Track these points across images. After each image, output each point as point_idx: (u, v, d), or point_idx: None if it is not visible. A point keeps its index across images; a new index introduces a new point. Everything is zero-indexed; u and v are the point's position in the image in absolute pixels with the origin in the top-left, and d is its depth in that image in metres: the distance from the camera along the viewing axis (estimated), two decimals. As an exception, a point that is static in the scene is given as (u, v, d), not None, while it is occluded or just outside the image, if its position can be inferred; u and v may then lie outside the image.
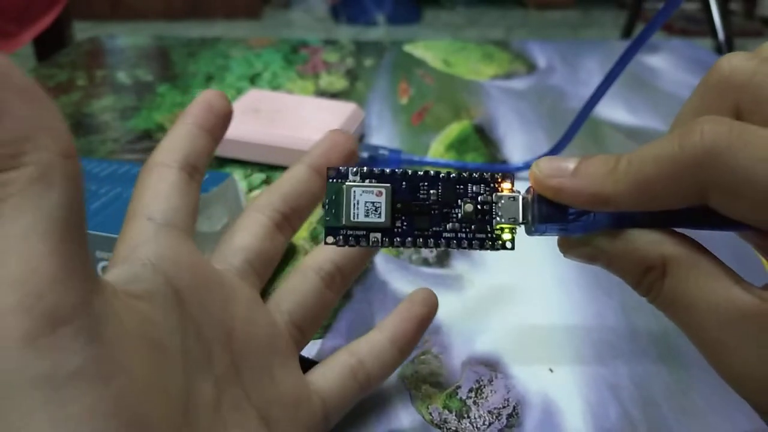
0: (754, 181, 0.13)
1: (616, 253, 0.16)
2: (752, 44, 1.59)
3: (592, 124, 0.50)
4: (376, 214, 0.17)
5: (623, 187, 0.15)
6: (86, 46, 0.70)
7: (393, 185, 0.17)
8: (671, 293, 0.16)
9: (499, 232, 0.18)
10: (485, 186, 0.18)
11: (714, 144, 0.14)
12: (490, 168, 0.43)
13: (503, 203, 0.17)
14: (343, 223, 0.17)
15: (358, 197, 0.17)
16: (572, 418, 0.24)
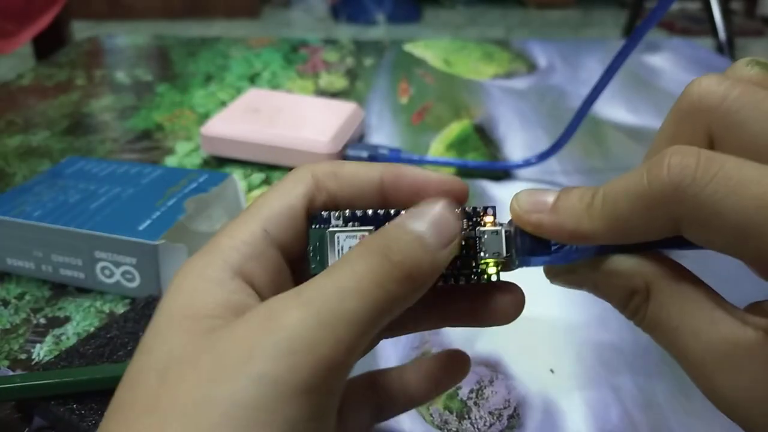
0: (722, 215, 0.13)
1: (601, 280, 0.17)
2: (753, 44, 1.59)
3: (593, 123, 0.50)
4: None
5: (599, 223, 0.15)
6: (85, 46, 0.70)
7: (376, 226, 0.17)
8: (655, 317, 0.16)
9: (484, 266, 0.18)
10: (468, 221, 0.18)
11: (680, 179, 0.14)
12: (488, 165, 0.43)
13: (486, 238, 0.17)
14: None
15: (342, 242, 0.17)
16: (573, 418, 0.24)
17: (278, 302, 0.14)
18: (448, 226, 0.16)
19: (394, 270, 0.15)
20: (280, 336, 0.13)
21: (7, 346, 0.27)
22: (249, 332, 0.14)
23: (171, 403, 0.13)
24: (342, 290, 0.14)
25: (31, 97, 0.55)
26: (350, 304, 0.14)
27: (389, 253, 0.15)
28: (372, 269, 0.15)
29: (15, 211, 0.30)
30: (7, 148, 0.45)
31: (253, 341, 0.14)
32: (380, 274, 0.15)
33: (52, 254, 0.30)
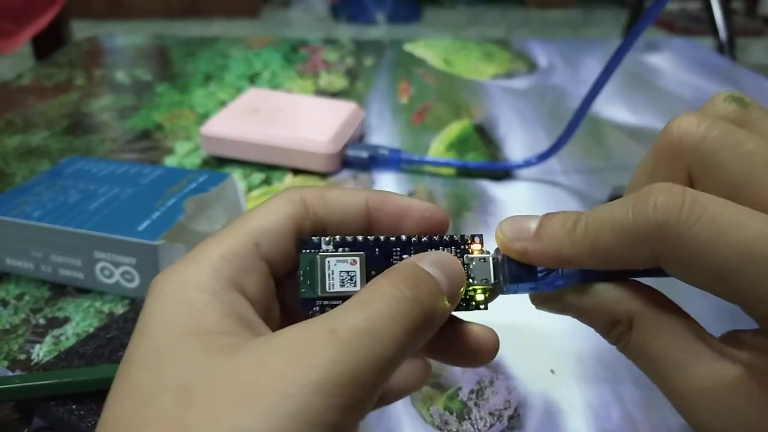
0: (704, 257, 0.14)
1: (584, 308, 0.17)
2: (753, 43, 1.58)
3: (593, 123, 0.50)
4: (352, 283, 0.17)
5: (581, 250, 0.16)
6: (85, 46, 0.70)
7: (366, 252, 0.17)
8: (638, 346, 0.16)
9: (473, 293, 0.18)
10: (456, 248, 0.18)
11: (665, 218, 0.14)
12: (488, 165, 0.43)
13: (474, 265, 0.18)
14: (319, 294, 0.17)
15: (333, 267, 0.17)
16: (574, 419, 0.24)
17: (309, 334, 0.14)
18: (458, 277, 0.17)
19: (421, 314, 0.15)
20: (316, 375, 0.13)
21: (6, 347, 0.27)
22: (282, 364, 0.13)
23: (200, 430, 0.13)
24: (375, 333, 0.14)
25: (31, 97, 0.55)
26: (382, 349, 0.14)
27: (419, 296, 0.15)
28: (401, 314, 0.15)
29: (14, 211, 0.30)
30: (6, 148, 0.45)
31: (288, 376, 0.13)
32: (410, 317, 0.15)
33: (51, 254, 0.30)
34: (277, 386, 0.13)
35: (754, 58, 2.13)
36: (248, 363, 0.14)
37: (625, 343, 0.17)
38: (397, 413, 0.24)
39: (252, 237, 0.17)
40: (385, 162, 0.42)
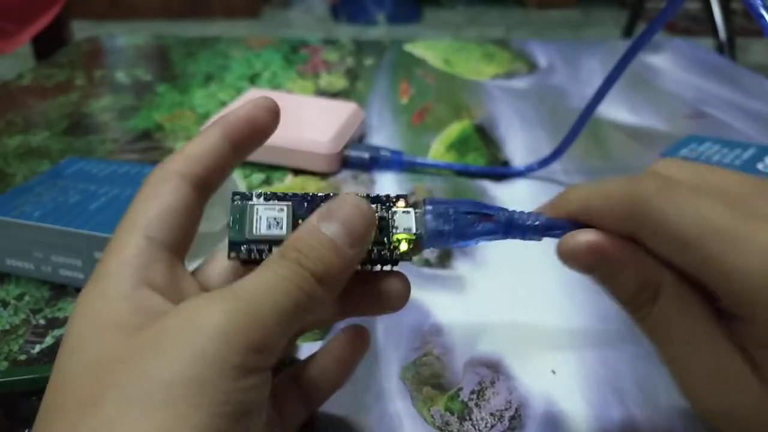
0: (668, 229, 0.16)
1: (619, 266, 0.18)
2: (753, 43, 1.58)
3: (594, 124, 0.50)
4: (278, 227, 0.18)
5: (577, 207, 0.19)
6: (85, 46, 0.70)
7: (293, 203, 0.19)
8: (657, 318, 0.17)
9: (397, 243, 0.19)
10: (382, 204, 0.19)
11: (645, 194, 0.17)
12: (490, 170, 0.43)
13: (398, 216, 0.19)
14: (246, 237, 0.18)
15: (261, 213, 0.18)
16: (575, 420, 0.24)
17: (210, 296, 0.16)
18: (360, 226, 0.17)
19: (309, 276, 0.16)
20: (215, 321, 0.15)
21: (6, 347, 0.27)
22: (183, 320, 0.15)
23: (112, 392, 0.14)
24: (268, 287, 0.16)
25: (31, 97, 0.55)
26: (276, 298, 0.16)
27: (303, 262, 0.16)
28: (290, 276, 0.16)
29: (15, 211, 0.30)
30: (6, 148, 0.45)
31: (189, 326, 0.15)
32: (297, 280, 0.16)
33: (51, 255, 0.30)
34: (179, 335, 0.15)
35: (754, 58, 2.13)
36: (154, 328, 0.15)
37: (644, 313, 0.18)
38: (397, 414, 0.24)
39: (142, 233, 0.17)
40: (386, 163, 0.42)
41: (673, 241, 0.16)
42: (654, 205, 0.16)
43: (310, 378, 0.21)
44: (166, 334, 0.15)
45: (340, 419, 0.24)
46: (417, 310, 0.29)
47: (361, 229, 0.17)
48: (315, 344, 0.27)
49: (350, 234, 0.17)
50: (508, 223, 0.19)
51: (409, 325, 0.28)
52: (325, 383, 0.21)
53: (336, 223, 0.17)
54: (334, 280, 0.17)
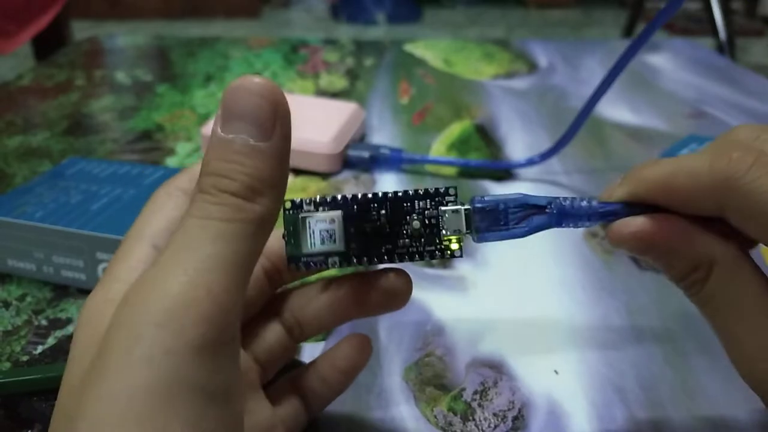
0: (762, 209, 0.15)
1: (671, 249, 0.17)
2: (753, 44, 1.58)
3: (595, 123, 0.50)
4: (332, 241, 0.18)
5: (655, 188, 0.18)
6: (85, 46, 0.70)
7: (344, 211, 0.18)
8: (710, 293, 0.17)
9: (447, 242, 0.19)
10: (430, 201, 0.19)
11: (735, 170, 0.16)
12: (491, 164, 0.43)
13: (448, 217, 0.19)
14: (302, 252, 0.18)
15: (314, 227, 0.18)
16: (578, 420, 0.24)
17: (141, 281, 0.15)
18: (267, 110, 0.15)
19: (236, 200, 0.15)
20: (156, 308, 0.14)
21: (8, 348, 0.27)
22: (127, 317, 0.14)
23: (82, 409, 0.13)
24: (193, 243, 0.14)
25: (31, 98, 0.55)
26: (207, 252, 0.14)
27: (221, 185, 0.15)
28: (212, 213, 0.15)
29: (16, 212, 0.30)
30: (7, 148, 0.45)
31: (133, 323, 0.14)
32: (222, 212, 0.15)
33: (53, 255, 0.30)
34: (126, 341, 0.14)
35: (753, 58, 2.13)
36: (106, 336, 0.15)
37: (697, 290, 0.17)
38: (400, 414, 0.24)
39: (148, 242, 0.17)
40: (386, 162, 0.42)
41: (763, 225, 0.15)
42: (747, 183, 0.15)
43: (310, 384, 0.21)
44: (117, 339, 0.14)
45: (343, 419, 0.24)
46: (419, 311, 0.29)
47: (270, 113, 0.15)
48: (318, 345, 0.27)
49: (260, 125, 0.15)
50: (560, 213, 0.19)
51: (411, 325, 0.28)
52: (325, 390, 0.21)
53: (237, 120, 0.15)
54: (267, 185, 0.15)
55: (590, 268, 0.33)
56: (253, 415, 0.19)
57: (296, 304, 0.21)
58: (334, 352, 0.21)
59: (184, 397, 0.13)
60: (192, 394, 0.13)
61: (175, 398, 0.13)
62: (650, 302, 0.30)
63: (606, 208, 0.19)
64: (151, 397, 0.13)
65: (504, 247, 0.34)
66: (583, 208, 0.19)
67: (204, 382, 0.14)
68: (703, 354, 0.27)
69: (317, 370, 0.21)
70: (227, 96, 0.15)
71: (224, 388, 0.14)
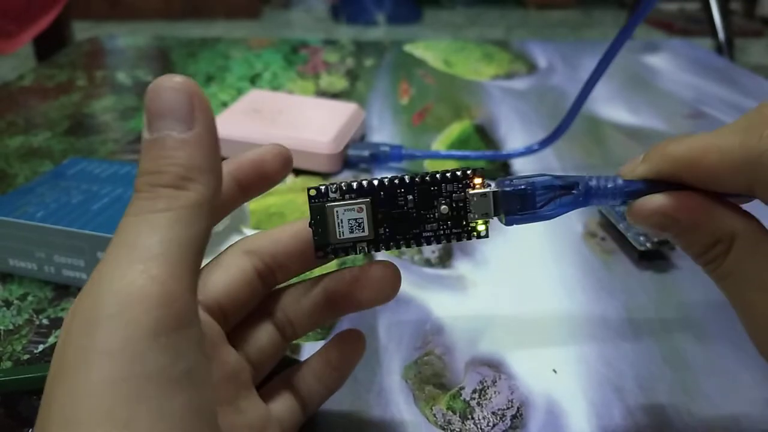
0: None
1: (691, 225, 0.18)
2: (752, 44, 1.59)
3: (593, 123, 0.50)
4: (360, 229, 0.18)
5: (682, 166, 0.17)
6: (86, 47, 0.70)
7: (372, 197, 0.18)
8: (730, 268, 0.17)
9: (474, 224, 0.19)
10: (458, 184, 0.19)
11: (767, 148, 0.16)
12: (491, 155, 0.43)
13: (475, 201, 0.19)
14: (330, 241, 0.18)
15: (341, 216, 0.18)
16: (576, 419, 0.24)
17: (90, 281, 0.15)
18: (183, 103, 0.16)
19: (171, 191, 0.15)
20: (107, 301, 0.14)
21: (10, 347, 0.27)
22: (81, 315, 0.14)
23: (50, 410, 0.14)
24: (142, 235, 0.15)
25: (32, 98, 0.55)
26: (153, 241, 0.14)
27: (154, 181, 0.15)
28: (151, 207, 0.15)
29: (17, 212, 0.30)
30: (8, 149, 0.45)
31: (87, 320, 0.14)
32: (159, 204, 0.15)
33: (54, 255, 0.30)
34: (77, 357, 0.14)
35: (752, 58, 2.13)
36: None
37: (717, 265, 0.18)
38: (399, 413, 0.24)
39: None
40: (386, 158, 0.42)
41: None
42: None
43: (305, 382, 0.21)
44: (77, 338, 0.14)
45: (342, 418, 0.24)
46: (418, 310, 0.30)
47: (186, 104, 0.16)
48: (317, 344, 0.27)
49: (180, 117, 0.16)
50: (587, 193, 0.19)
51: (410, 324, 0.29)
52: (320, 388, 0.21)
53: (158, 120, 0.16)
54: (198, 171, 0.16)
55: (589, 268, 0.33)
56: (246, 414, 0.19)
57: (287, 302, 0.21)
58: (327, 350, 0.22)
59: (148, 386, 0.13)
60: (155, 383, 0.13)
61: (138, 388, 0.13)
62: (649, 302, 0.30)
63: (630, 187, 0.19)
64: (114, 390, 0.13)
65: (504, 247, 0.34)
66: (609, 188, 0.19)
67: (165, 368, 0.14)
68: (703, 354, 0.27)
69: (312, 368, 0.21)
70: (146, 100, 0.16)
71: (188, 373, 0.14)
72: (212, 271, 0.20)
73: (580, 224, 0.36)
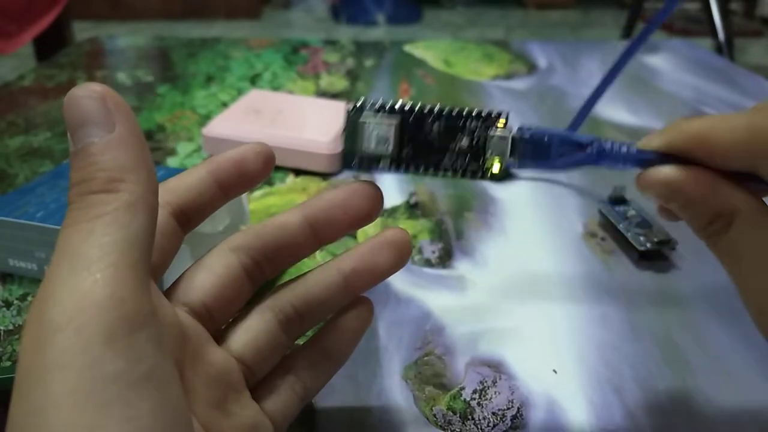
0: None
1: (696, 197, 0.18)
2: (752, 44, 1.59)
3: (593, 124, 0.50)
4: (385, 145, 0.20)
5: (692, 141, 0.18)
6: (86, 47, 0.70)
7: (402, 117, 0.20)
8: (729, 242, 0.18)
9: (490, 164, 0.20)
10: (482, 122, 0.20)
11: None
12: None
13: (495, 141, 0.20)
14: (357, 150, 0.20)
15: (371, 131, 0.20)
16: (576, 419, 0.24)
17: (35, 299, 0.15)
18: (97, 108, 0.16)
19: (103, 195, 0.15)
20: (53, 314, 0.14)
21: (9, 347, 0.27)
22: (31, 331, 0.14)
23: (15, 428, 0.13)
24: (84, 244, 0.15)
25: (33, 98, 0.55)
26: (85, 248, 0.14)
27: (85, 188, 0.15)
28: (87, 215, 0.15)
29: (17, 212, 0.30)
30: (8, 149, 0.45)
31: (38, 336, 0.14)
32: (93, 210, 0.15)
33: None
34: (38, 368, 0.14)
35: (752, 58, 2.13)
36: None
37: (717, 239, 0.18)
38: (400, 413, 0.24)
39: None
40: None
41: None
42: None
43: (299, 371, 0.21)
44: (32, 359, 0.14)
45: (342, 418, 0.24)
46: (418, 310, 0.30)
47: (101, 107, 0.16)
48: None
49: (98, 122, 0.16)
50: (599, 153, 0.20)
51: (410, 324, 0.29)
52: (316, 374, 0.21)
53: (79, 129, 0.16)
54: (126, 170, 0.15)
55: (589, 268, 0.33)
56: (235, 417, 0.19)
57: (296, 293, 0.20)
58: (339, 318, 0.21)
59: (108, 391, 0.13)
60: (115, 388, 0.13)
61: (98, 395, 0.13)
62: (649, 302, 0.30)
63: (642, 156, 0.19)
64: (74, 400, 0.13)
65: (504, 247, 0.34)
66: (621, 153, 0.19)
67: (125, 372, 0.13)
68: (702, 354, 0.27)
69: (307, 354, 0.21)
70: (64, 114, 0.16)
71: (149, 375, 0.14)
72: (197, 272, 0.19)
73: (580, 224, 0.36)
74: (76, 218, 0.15)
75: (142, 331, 0.14)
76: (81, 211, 0.15)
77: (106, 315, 0.14)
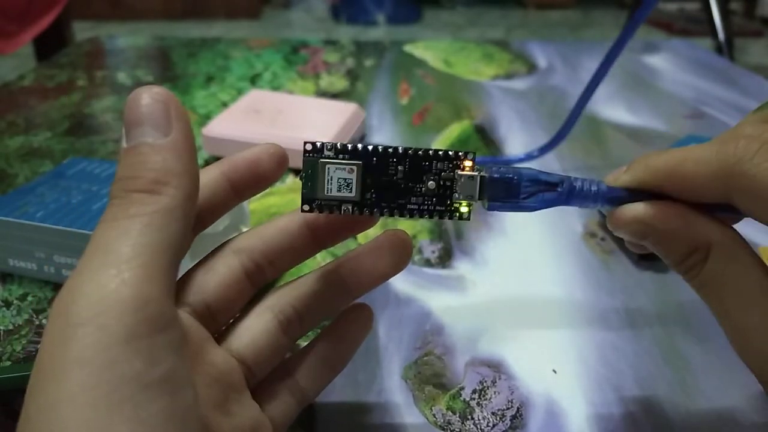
0: (765, 193, 0.16)
1: (669, 233, 0.18)
2: (752, 44, 1.59)
3: (593, 123, 0.50)
4: (348, 189, 0.19)
5: (661, 175, 0.18)
6: (86, 47, 0.70)
7: (364, 161, 0.19)
8: (708, 276, 0.18)
9: (458, 205, 0.19)
10: (448, 163, 0.19)
11: (741, 156, 0.16)
12: (490, 159, 0.43)
13: (462, 182, 0.19)
14: (318, 196, 0.19)
15: (332, 173, 0.19)
16: (576, 419, 0.24)
17: (62, 291, 0.15)
18: (159, 110, 0.16)
19: (145, 196, 0.15)
20: (79, 309, 0.14)
21: (9, 347, 0.27)
22: (54, 324, 0.14)
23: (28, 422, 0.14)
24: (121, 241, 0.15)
25: (33, 98, 0.55)
26: (129, 246, 0.15)
27: (130, 186, 0.16)
28: (129, 213, 0.15)
29: (17, 212, 0.30)
30: (8, 149, 0.45)
31: (60, 329, 0.14)
32: (134, 209, 0.15)
33: (54, 255, 0.30)
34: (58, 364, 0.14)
35: (752, 58, 2.13)
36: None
37: (695, 273, 0.18)
38: (399, 413, 0.24)
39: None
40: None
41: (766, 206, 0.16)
42: (754, 166, 0.16)
43: (299, 375, 0.21)
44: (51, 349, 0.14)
45: (342, 419, 0.24)
46: (418, 310, 0.30)
47: (163, 111, 0.16)
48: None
49: (157, 125, 0.16)
50: (569, 193, 0.19)
51: (410, 324, 0.29)
52: (316, 378, 0.21)
53: (136, 128, 0.16)
54: (171, 174, 0.16)
55: (589, 268, 0.33)
56: (235, 417, 0.19)
57: (291, 296, 0.21)
58: (332, 328, 0.21)
59: (124, 392, 0.13)
60: (131, 388, 0.13)
61: (113, 395, 0.13)
62: (648, 302, 0.30)
63: (612, 193, 0.19)
64: (90, 398, 0.13)
65: (504, 247, 0.34)
66: (592, 191, 0.19)
67: (141, 374, 0.14)
68: (702, 354, 0.27)
69: (307, 360, 0.21)
70: (125, 111, 0.16)
71: (166, 378, 0.14)
72: (199, 272, 0.19)
73: (580, 224, 0.36)
74: (115, 213, 0.15)
75: (162, 334, 0.14)
76: (120, 207, 0.15)
77: (129, 315, 0.14)
